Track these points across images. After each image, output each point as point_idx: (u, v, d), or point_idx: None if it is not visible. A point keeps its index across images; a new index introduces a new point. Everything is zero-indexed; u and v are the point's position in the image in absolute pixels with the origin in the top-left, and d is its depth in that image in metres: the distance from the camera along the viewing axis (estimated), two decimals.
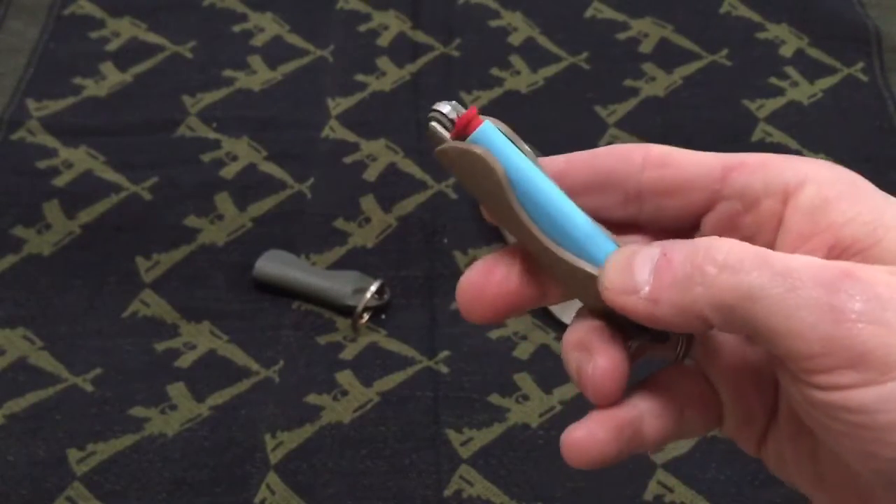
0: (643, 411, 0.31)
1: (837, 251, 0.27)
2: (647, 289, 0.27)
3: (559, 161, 0.32)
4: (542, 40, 0.82)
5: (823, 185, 0.28)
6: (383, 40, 0.82)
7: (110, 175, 0.71)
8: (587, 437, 0.29)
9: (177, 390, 0.60)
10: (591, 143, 0.74)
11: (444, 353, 0.62)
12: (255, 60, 0.80)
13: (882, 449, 0.26)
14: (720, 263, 0.26)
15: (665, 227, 0.31)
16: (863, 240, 0.27)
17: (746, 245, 0.26)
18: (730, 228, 0.29)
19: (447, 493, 0.55)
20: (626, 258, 0.28)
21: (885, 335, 0.25)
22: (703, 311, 0.26)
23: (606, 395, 0.29)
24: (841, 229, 0.27)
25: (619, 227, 0.31)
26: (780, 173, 0.29)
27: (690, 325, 0.27)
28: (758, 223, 0.29)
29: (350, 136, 0.74)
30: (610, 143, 0.74)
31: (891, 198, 0.29)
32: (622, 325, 0.30)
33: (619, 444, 0.30)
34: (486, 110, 0.77)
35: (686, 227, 0.31)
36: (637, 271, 0.28)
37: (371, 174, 0.72)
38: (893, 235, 0.27)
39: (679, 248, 0.27)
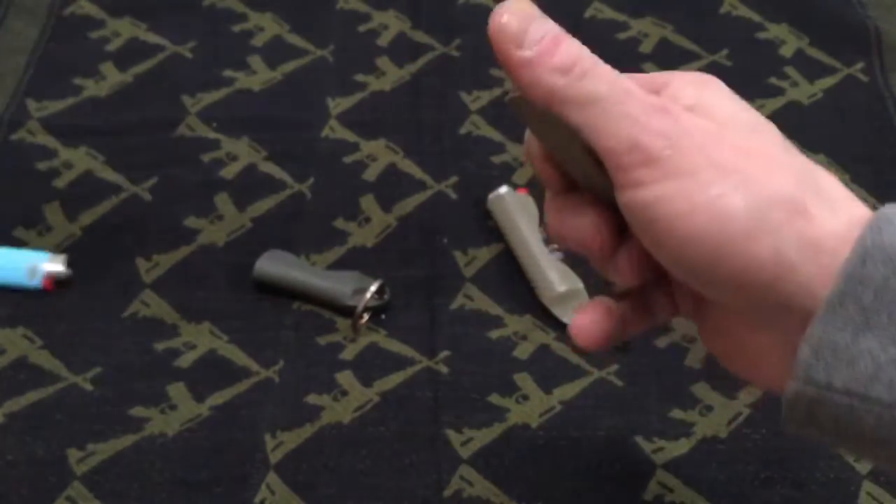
0: (625, 308, 0.41)
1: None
2: (528, 53, 0.35)
3: None
4: None
5: (679, 82, 0.38)
6: (383, 40, 0.82)
7: (110, 175, 0.72)
8: (588, 320, 0.40)
9: (177, 390, 0.60)
10: None
11: (444, 353, 0.62)
12: (255, 60, 0.80)
13: (665, 239, 0.35)
14: (584, 69, 0.35)
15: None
16: (678, 95, 0.37)
17: (609, 67, 0.36)
18: None
19: (447, 493, 0.55)
20: (527, 14, 0.36)
21: (671, 148, 0.34)
22: (557, 95, 0.35)
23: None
24: (664, 89, 0.38)
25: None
26: (656, 79, 0.39)
27: (539, 96, 0.35)
28: None
29: (350, 136, 0.74)
30: None
31: (729, 90, 0.39)
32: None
33: (611, 324, 0.40)
34: (486, 110, 0.78)
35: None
36: (531, 32, 0.35)
37: (371, 174, 0.72)
38: (709, 104, 0.37)
39: (567, 42, 0.36)
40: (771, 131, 0.37)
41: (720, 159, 0.34)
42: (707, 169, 0.34)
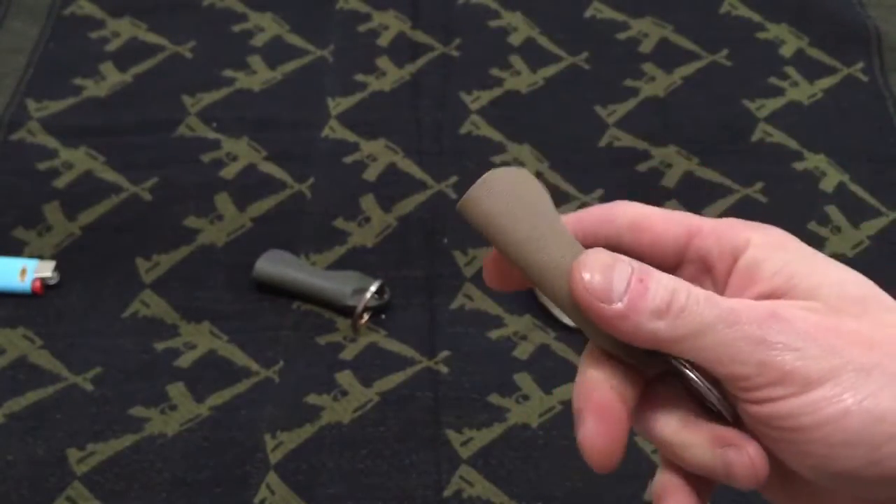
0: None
1: (765, 297, 0.35)
2: (619, 305, 0.33)
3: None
4: (542, 40, 0.82)
5: (758, 248, 0.35)
6: (383, 40, 0.82)
7: (110, 175, 0.72)
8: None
9: (177, 390, 0.60)
10: (591, 143, 0.74)
11: (444, 353, 0.62)
12: (255, 60, 0.80)
13: (811, 447, 0.32)
14: (681, 305, 0.33)
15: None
16: (782, 286, 0.34)
17: (700, 289, 0.33)
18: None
19: (447, 493, 0.55)
20: (607, 262, 0.34)
21: (801, 359, 0.32)
22: (661, 338, 0.33)
23: (595, 463, 0.36)
24: (768, 281, 0.35)
25: None
26: (728, 240, 0.36)
27: (644, 343, 0.33)
28: (713, 282, 0.36)
29: (350, 136, 0.74)
30: (610, 143, 0.74)
31: (808, 249, 0.35)
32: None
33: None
34: (487, 110, 0.78)
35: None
36: (615, 282, 0.33)
37: (371, 174, 0.72)
38: (805, 280, 0.34)
39: (654, 281, 0.33)
40: (876, 295, 0.35)
41: (853, 357, 0.33)
42: (845, 371, 0.32)
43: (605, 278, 0.33)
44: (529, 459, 0.57)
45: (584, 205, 0.70)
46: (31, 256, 0.66)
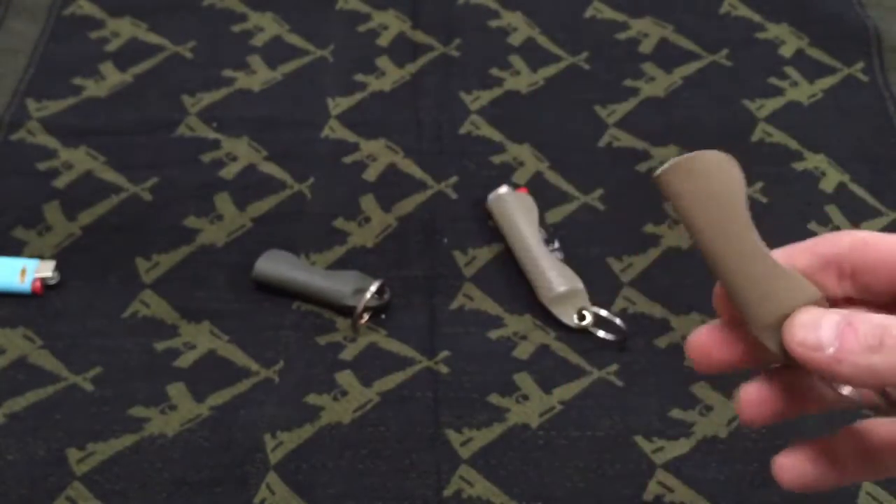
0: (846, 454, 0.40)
1: None
2: (831, 350, 0.34)
3: (778, 253, 0.38)
4: (542, 40, 0.82)
5: None
6: (383, 40, 0.82)
7: (110, 175, 0.72)
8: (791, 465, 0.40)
9: (177, 390, 0.60)
10: (591, 143, 0.74)
11: (444, 353, 0.62)
12: (255, 60, 0.80)
13: None
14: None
15: (873, 302, 0.38)
16: None
17: None
18: None
19: (447, 493, 0.55)
20: (815, 319, 0.35)
21: None
22: (880, 372, 0.34)
23: (746, 420, 0.39)
24: None
25: (836, 303, 0.38)
26: None
27: (865, 382, 0.34)
28: None
29: (350, 136, 0.74)
30: (610, 143, 0.74)
31: None
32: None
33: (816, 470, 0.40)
34: (487, 110, 0.78)
35: (891, 302, 0.38)
36: (824, 332, 0.35)
37: (371, 174, 0.72)
38: None
39: (863, 320, 0.34)
40: None
41: None
42: None
43: (815, 332, 0.35)
44: (529, 459, 0.57)
45: (584, 205, 0.70)
46: (31, 256, 0.66)
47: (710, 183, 0.36)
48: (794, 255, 0.38)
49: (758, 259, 0.36)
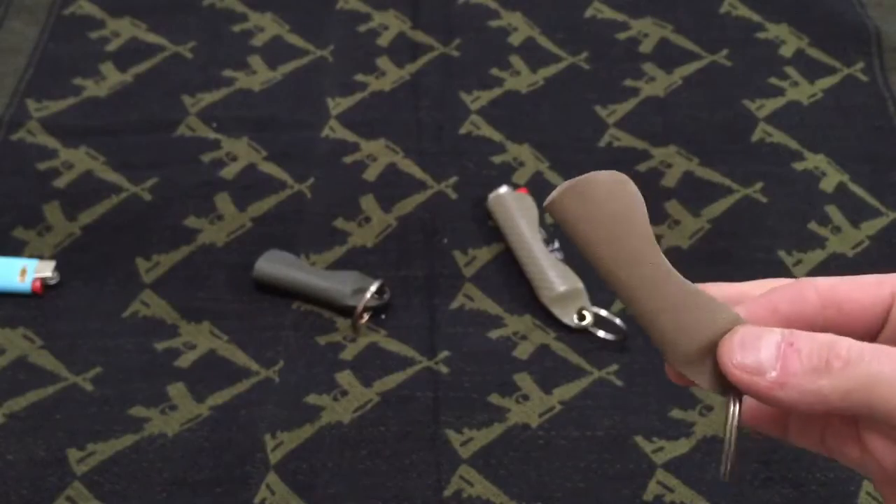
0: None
1: None
2: (773, 374, 0.31)
3: (739, 310, 0.34)
4: (542, 40, 0.82)
5: None
6: (383, 40, 0.82)
7: (110, 175, 0.72)
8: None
9: (177, 390, 0.60)
10: (591, 143, 0.74)
11: (444, 353, 0.62)
12: (255, 60, 0.80)
13: None
14: (844, 358, 0.31)
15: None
16: None
17: (863, 342, 0.31)
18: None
19: (447, 493, 0.55)
20: (753, 338, 0.32)
21: None
22: (827, 397, 0.31)
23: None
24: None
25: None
26: None
27: (812, 408, 0.31)
28: None
29: (350, 136, 0.74)
30: (610, 143, 0.74)
31: None
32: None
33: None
34: (486, 110, 0.78)
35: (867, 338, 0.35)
36: (763, 353, 0.32)
37: (371, 174, 0.72)
38: None
39: (806, 341, 0.31)
40: None
41: None
42: None
43: (753, 353, 0.32)
44: (529, 459, 0.57)
45: None
46: (31, 256, 0.66)
47: (606, 206, 0.32)
48: (755, 313, 0.34)
49: (668, 285, 0.32)
